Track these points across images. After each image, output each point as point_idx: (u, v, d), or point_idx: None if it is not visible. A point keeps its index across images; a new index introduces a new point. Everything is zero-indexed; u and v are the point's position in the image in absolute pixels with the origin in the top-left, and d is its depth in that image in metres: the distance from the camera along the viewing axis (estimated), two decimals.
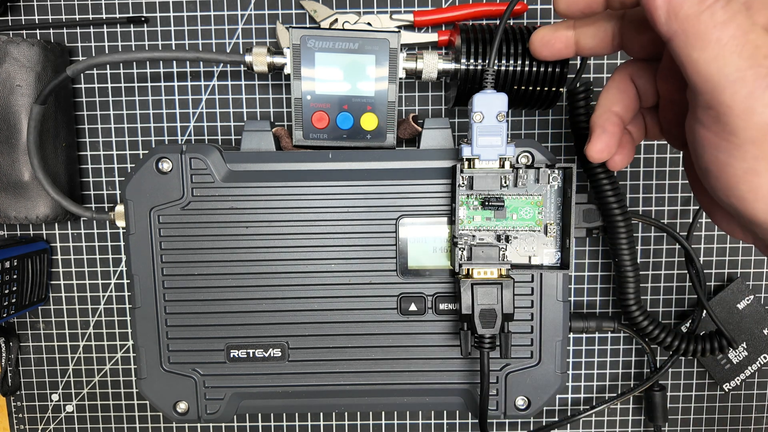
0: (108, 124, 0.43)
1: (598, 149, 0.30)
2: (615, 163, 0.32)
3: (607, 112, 0.31)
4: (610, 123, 0.30)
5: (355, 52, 0.36)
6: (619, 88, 0.31)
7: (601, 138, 0.30)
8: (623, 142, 0.32)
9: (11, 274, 0.39)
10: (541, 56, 0.33)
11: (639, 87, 0.31)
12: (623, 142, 0.32)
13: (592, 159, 0.31)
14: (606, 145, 0.30)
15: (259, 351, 0.36)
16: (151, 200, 0.35)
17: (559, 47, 0.32)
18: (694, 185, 0.31)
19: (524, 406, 0.37)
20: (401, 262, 0.36)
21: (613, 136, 0.30)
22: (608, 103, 0.31)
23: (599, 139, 0.30)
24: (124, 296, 0.44)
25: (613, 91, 0.31)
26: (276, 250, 0.36)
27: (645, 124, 0.33)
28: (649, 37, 0.29)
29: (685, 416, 0.45)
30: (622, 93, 0.31)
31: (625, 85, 0.31)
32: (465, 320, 0.34)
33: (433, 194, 0.35)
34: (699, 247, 0.43)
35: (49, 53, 0.38)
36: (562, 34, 0.31)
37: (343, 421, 0.45)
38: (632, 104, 0.31)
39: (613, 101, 0.31)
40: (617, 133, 0.30)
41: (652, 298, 0.44)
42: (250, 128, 0.36)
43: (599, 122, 0.31)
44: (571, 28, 0.31)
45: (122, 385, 0.45)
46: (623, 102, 0.31)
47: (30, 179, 0.39)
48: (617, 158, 0.32)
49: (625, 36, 0.30)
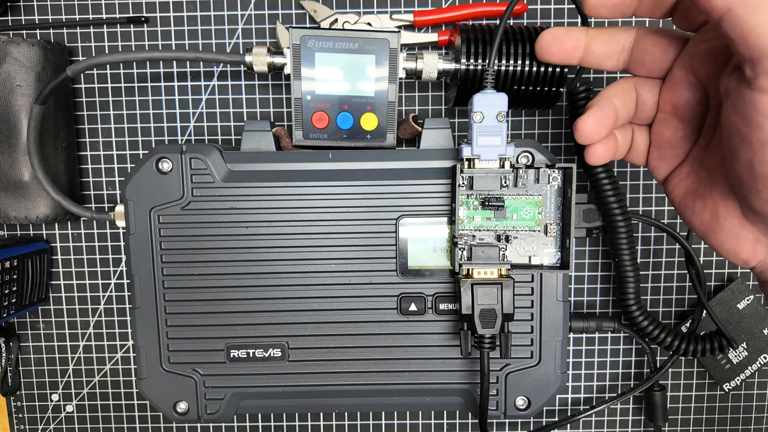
0: (108, 124, 0.43)
1: (589, 123, 0.30)
2: (595, 153, 0.31)
3: (606, 99, 0.31)
4: (606, 107, 0.31)
5: (355, 52, 0.36)
6: (623, 88, 0.31)
7: (595, 114, 0.30)
8: (609, 137, 0.32)
9: (11, 274, 0.39)
10: (547, 54, 0.33)
11: (640, 96, 0.31)
12: (609, 138, 0.32)
13: (580, 133, 0.31)
14: (598, 121, 0.30)
15: (259, 351, 0.36)
16: (151, 200, 0.35)
17: (568, 48, 0.32)
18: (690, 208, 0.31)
19: (524, 406, 0.37)
20: (401, 262, 0.36)
21: (606, 118, 0.30)
22: (609, 95, 0.31)
23: (593, 114, 0.30)
24: (124, 296, 0.44)
25: (616, 88, 0.31)
26: (276, 250, 0.36)
27: (632, 140, 0.33)
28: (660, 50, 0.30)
29: (685, 416, 0.45)
30: (624, 92, 0.31)
31: (629, 89, 0.31)
32: (465, 320, 0.34)
33: (433, 194, 0.35)
34: (699, 247, 0.43)
35: (49, 53, 0.38)
36: (575, 35, 0.31)
37: (343, 421, 0.45)
38: (630, 105, 0.31)
39: (615, 95, 0.31)
40: (610, 117, 0.30)
41: (652, 298, 0.44)
42: (250, 128, 0.36)
43: (596, 103, 0.31)
44: (584, 33, 0.31)
45: (122, 385, 0.45)
46: (623, 99, 0.31)
47: (30, 179, 0.39)
48: (599, 148, 0.31)
49: (636, 50, 0.30)
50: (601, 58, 0.31)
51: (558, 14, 0.41)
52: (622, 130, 0.32)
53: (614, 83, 0.32)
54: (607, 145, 0.31)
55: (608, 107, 0.31)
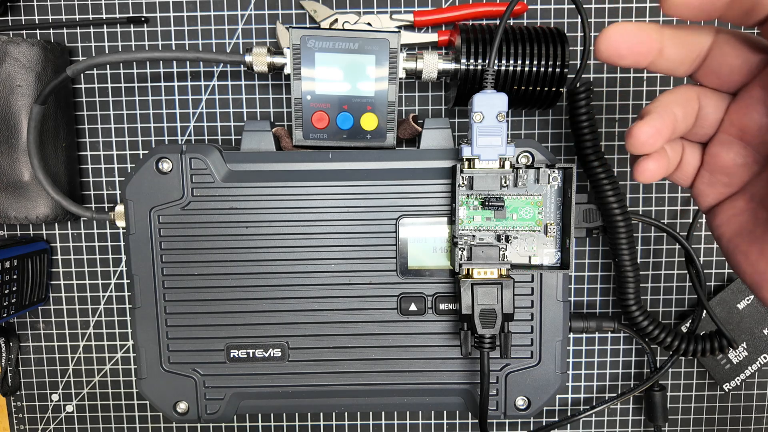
0: (108, 124, 0.43)
1: (645, 131, 0.26)
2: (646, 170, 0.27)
3: (665, 105, 0.26)
4: (666, 115, 0.26)
5: (355, 52, 0.36)
6: (685, 96, 0.27)
7: (654, 121, 0.26)
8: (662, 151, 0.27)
9: (11, 274, 0.39)
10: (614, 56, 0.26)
11: (702, 110, 0.27)
12: (661, 152, 0.27)
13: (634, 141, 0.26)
14: (655, 130, 0.26)
15: (259, 351, 0.36)
16: (151, 200, 0.35)
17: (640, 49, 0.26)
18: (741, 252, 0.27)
19: (524, 406, 0.37)
20: (401, 262, 0.36)
21: (665, 127, 0.26)
22: (669, 101, 0.27)
23: (650, 121, 0.26)
24: (124, 296, 0.44)
25: (678, 96, 0.27)
26: (276, 250, 0.36)
27: (681, 157, 0.29)
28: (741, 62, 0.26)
29: (685, 416, 0.45)
30: (686, 101, 0.27)
31: (691, 99, 0.27)
32: (465, 320, 0.34)
33: (433, 194, 0.35)
34: (699, 247, 0.43)
35: (49, 53, 0.38)
36: (649, 34, 0.25)
37: (343, 421, 0.45)
38: (690, 118, 0.27)
39: (675, 102, 0.27)
40: (668, 127, 0.26)
41: (652, 298, 0.44)
42: (250, 128, 0.36)
43: (654, 110, 0.26)
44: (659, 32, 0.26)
45: (122, 385, 0.45)
46: (684, 109, 0.27)
47: (30, 179, 0.39)
48: (651, 164, 0.27)
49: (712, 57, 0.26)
50: (675, 63, 0.26)
51: (558, 14, 0.41)
52: (672, 145, 0.28)
53: (675, 89, 0.27)
54: (660, 162, 0.27)
55: (668, 116, 0.26)
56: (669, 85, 0.42)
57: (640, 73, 0.42)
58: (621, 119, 0.42)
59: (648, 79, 0.42)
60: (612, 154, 0.42)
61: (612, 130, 0.42)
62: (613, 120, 0.42)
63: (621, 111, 0.42)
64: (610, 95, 0.42)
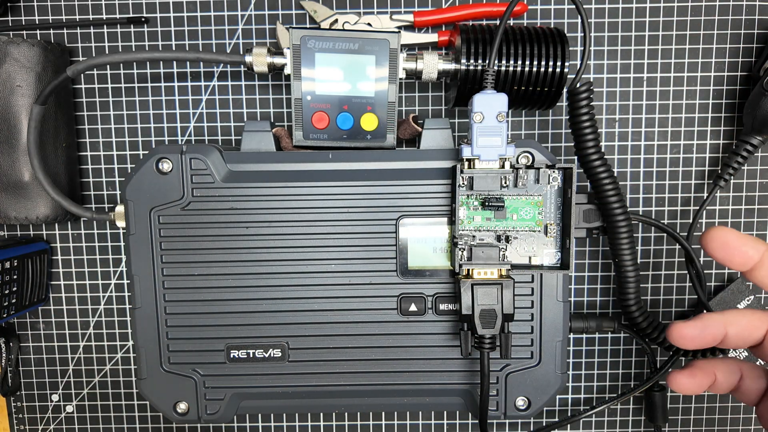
0: (108, 124, 0.43)
1: (682, 382, 0.30)
2: (680, 384, 0.31)
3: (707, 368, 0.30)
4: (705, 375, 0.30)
5: (355, 53, 0.36)
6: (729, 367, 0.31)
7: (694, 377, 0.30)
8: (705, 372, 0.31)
9: (11, 275, 0.39)
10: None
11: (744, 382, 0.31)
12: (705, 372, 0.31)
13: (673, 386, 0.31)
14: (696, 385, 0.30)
15: (259, 351, 0.36)
16: (151, 200, 0.35)
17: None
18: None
19: (524, 407, 0.37)
20: (401, 263, 0.36)
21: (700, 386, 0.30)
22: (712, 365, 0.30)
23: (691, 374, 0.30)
24: (124, 296, 0.44)
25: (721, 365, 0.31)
26: (276, 251, 0.36)
27: (740, 381, 0.31)
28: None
29: (685, 416, 0.45)
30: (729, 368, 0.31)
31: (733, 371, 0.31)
32: (465, 320, 0.34)
33: (433, 194, 0.35)
34: (699, 247, 0.43)
35: (49, 53, 0.38)
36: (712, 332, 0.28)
37: (343, 422, 0.45)
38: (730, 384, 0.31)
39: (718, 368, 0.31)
40: (704, 385, 0.30)
41: (652, 298, 0.44)
42: (250, 128, 0.36)
43: (699, 366, 0.30)
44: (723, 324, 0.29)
45: (122, 386, 0.45)
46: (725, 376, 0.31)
47: (30, 179, 0.39)
48: (686, 381, 0.31)
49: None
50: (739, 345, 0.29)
51: (558, 14, 0.41)
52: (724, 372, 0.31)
53: (721, 360, 0.31)
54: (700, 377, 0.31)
55: (707, 377, 0.30)
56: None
57: (640, 73, 0.42)
58: (621, 119, 0.42)
59: (648, 79, 0.42)
60: (612, 154, 0.42)
61: (612, 130, 0.42)
62: (613, 120, 0.42)
63: (621, 111, 0.42)
64: (610, 95, 0.42)
